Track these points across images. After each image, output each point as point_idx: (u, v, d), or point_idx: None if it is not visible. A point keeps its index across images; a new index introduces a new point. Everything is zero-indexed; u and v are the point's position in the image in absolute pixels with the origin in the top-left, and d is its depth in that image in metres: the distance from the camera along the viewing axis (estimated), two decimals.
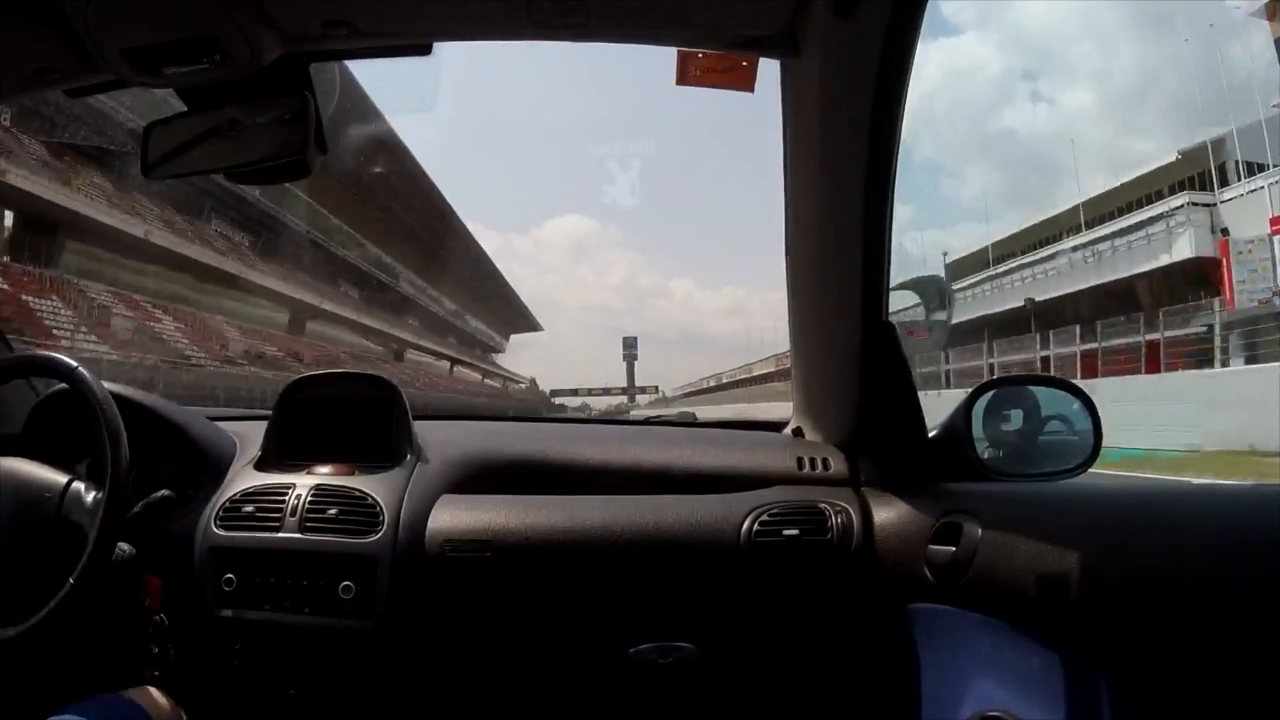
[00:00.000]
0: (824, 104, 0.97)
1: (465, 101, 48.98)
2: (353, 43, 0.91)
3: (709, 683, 1.18)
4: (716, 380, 46.74)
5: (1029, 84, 51.17)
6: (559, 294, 66.88)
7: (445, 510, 1.20)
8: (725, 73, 1.01)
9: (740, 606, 1.17)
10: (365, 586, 1.11)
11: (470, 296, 40.30)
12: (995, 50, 51.61)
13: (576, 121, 58.98)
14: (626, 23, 0.91)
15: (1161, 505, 0.96)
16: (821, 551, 1.14)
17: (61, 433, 1.17)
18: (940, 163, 48.77)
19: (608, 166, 32.48)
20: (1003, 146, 38.59)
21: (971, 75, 45.01)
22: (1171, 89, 25.04)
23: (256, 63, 0.87)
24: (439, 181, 36.52)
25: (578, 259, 68.70)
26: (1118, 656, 0.77)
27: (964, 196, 48.86)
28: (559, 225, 71.50)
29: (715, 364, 49.60)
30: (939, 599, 1.02)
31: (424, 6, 0.89)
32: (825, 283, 1.16)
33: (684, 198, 64.30)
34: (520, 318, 45.16)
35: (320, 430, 1.30)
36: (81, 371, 1.02)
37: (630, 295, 66.11)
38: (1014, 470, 1.15)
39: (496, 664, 1.20)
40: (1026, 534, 0.91)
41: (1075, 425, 1.16)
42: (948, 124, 40.43)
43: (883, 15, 0.86)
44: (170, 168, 0.98)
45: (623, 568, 1.17)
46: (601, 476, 1.30)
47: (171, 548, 1.15)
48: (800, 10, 0.88)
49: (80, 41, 0.84)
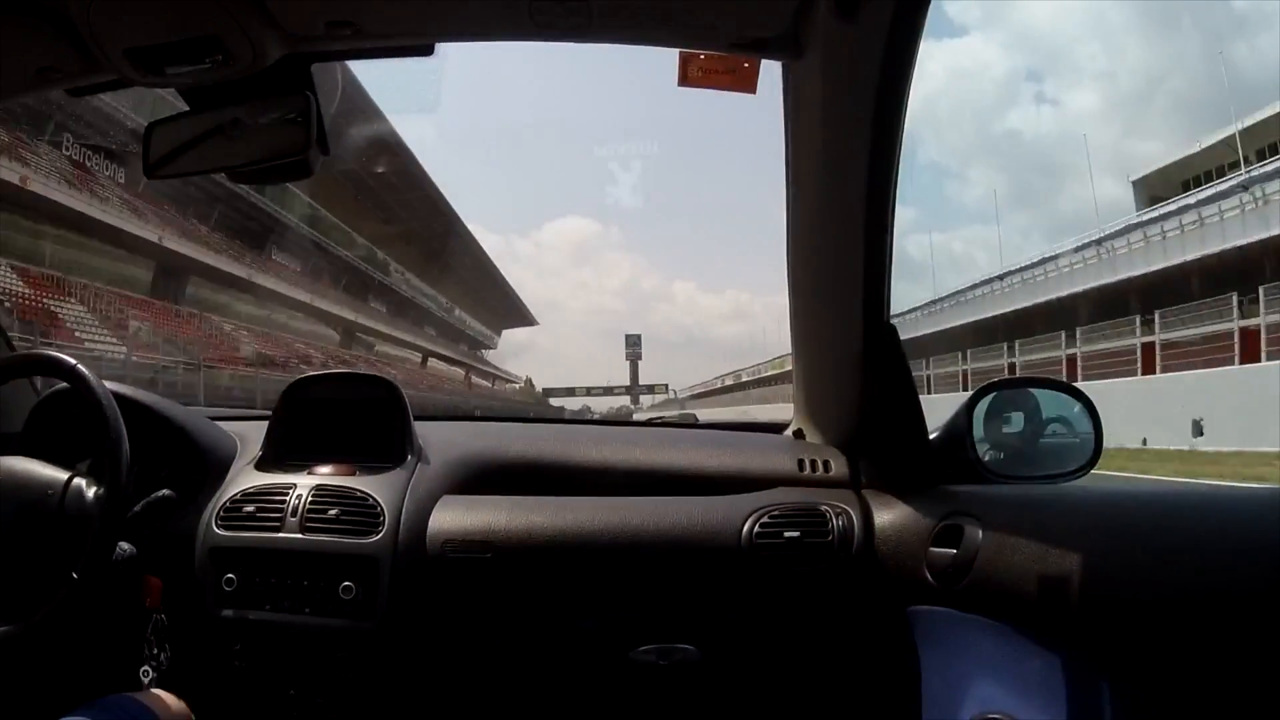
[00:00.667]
0: (826, 105, 0.97)
1: (466, 102, 48.99)
2: (355, 43, 0.91)
3: (709, 685, 1.18)
4: (735, 378, 43.51)
5: (1034, 85, 51.06)
6: (561, 296, 66.76)
7: (446, 511, 1.20)
8: (727, 74, 1.00)
9: (741, 608, 1.17)
10: (366, 587, 1.11)
11: (453, 284, 36.20)
12: (1000, 50, 51.49)
13: (578, 122, 58.86)
14: (628, 24, 0.91)
15: (1163, 507, 0.96)
16: (822, 553, 1.14)
17: (63, 432, 1.17)
18: (944, 165, 48.72)
19: (610, 168, 32.00)
20: (1007, 149, 38.53)
21: (976, 76, 44.92)
22: (1177, 89, 24.69)
23: (259, 63, 0.87)
24: (436, 178, 35.00)
25: (580, 262, 68.69)
26: (1119, 659, 0.77)
27: (968, 199, 48.81)
28: (560, 227, 71.61)
29: (718, 367, 48.57)
30: (940, 601, 1.02)
31: (426, 7, 0.89)
32: (827, 284, 1.16)
33: (687, 200, 64.26)
34: (513, 312, 42.05)
35: (321, 430, 1.30)
36: (82, 370, 1.02)
37: (633, 298, 65.98)
38: (1015, 472, 1.15)
39: (497, 665, 1.20)
40: (1028, 536, 0.91)
41: (1076, 428, 1.16)
42: (952, 126, 40.36)
43: (885, 17, 0.86)
44: (172, 167, 0.98)
45: (623, 569, 1.17)
46: (602, 478, 1.29)
47: (172, 547, 1.15)
48: (802, 12, 0.88)
49: (83, 41, 0.84)
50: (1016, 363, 18.05)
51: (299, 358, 23.36)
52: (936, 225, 57.48)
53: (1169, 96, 32.15)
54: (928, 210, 41.01)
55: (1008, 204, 47.87)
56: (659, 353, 60.98)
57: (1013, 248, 41.58)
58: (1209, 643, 0.69)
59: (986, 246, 37.45)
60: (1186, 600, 0.72)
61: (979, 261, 36.20)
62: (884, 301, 1.12)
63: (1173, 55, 29.91)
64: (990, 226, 47.93)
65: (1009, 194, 42.00)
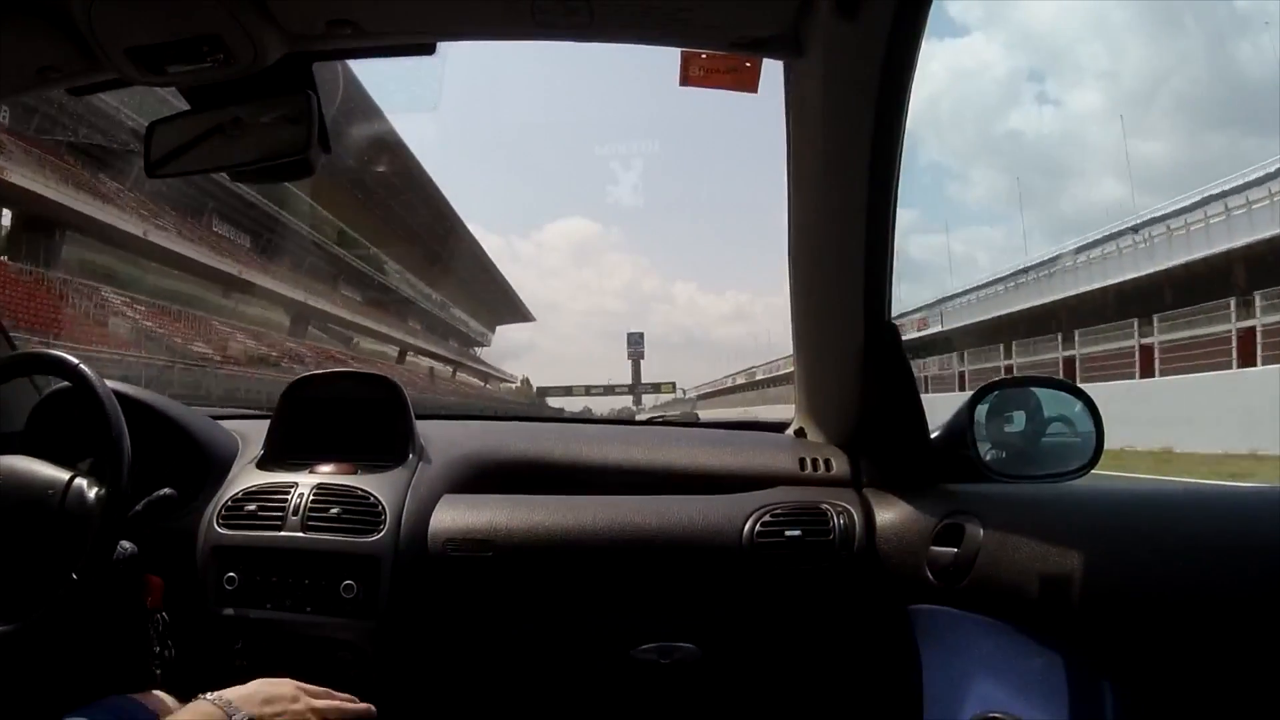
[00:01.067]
0: (827, 105, 0.97)
1: (468, 101, 48.82)
2: (356, 42, 0.91)
3: (710, 683, 1.18)
4: (748, 376, 41.07)
5: (1036, 85, 50.83)
6: (561, 297, 66.68)
7: (447, 510, 1.20)
8: (728, 73, 1.00)
9: (742, 607, 1.17)
10: (367, 586, 1.11)
11: (443, 276, 33.83)
12: (1003, 50, 51.18)
13: (578, 122, 58.97)
14: (630, 23, 0.91)
15: (1164, 507, 0.96)
16: (823, 552, 1.14)
17: (64, 431, 1.17)
18: (946, 165, 48.48)
19: (611, 167, 31.74)
20: (1009, 149, 38.27)
21: (978, 76, 44.56)
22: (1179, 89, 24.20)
23: (260, 62, 0.87)
24: (438, 179, 34.15)
25: (580, 262, 68.67)
26: (1120, 658, 0.77)
27: (969, 199, 48.57)
28: (561, 228, 71.52)
29: (722, 368, 47.78)
30: (941, 600, 1.02)
31: (428, 6, 0.89)
32: (828, 283, 1.16)
33: (687, 199, 64.30)
34: (507, 307, 40.69)
35: (323, 429, 1.30)
36: (84, 369, 1.02)
37: (634, 299, 65.92)
38: (1016, 471, 1.15)
39: (498, 664, 1.20)
40: (1029, 535, 0.91)
41: (1078, 427, 1.16)
42: (953, 126, 40.11)
43: (886, 16, 0.86)
44: (173, 166, 0.98)
45: (625, 568, 1.17)
46: (604, 476, 1.30)
47: (173, 546, 1.15)
48: (803, 11, 0.88)
49: (84, 40, 0.84)
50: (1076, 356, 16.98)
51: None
52: (939, 225, 57.16)
53: (1172, 96, 31.95)
54: (929, 212, 40.82)
55: (1012, 206, 47.43)
56: (660, 353, 60.84)
57: (1015, 249, 41.13)
58: (1211, 642, 0.69)
59: (989, 246, 37.19)
60: (1188, 599, 0.72)
61: (980, 261, 35.92)
62: (885, 300, 1.12)
63: (1177, 54, 29.69)
64: (993, 227, 47.52)
65: (1011, 196, 41.62)
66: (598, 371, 57.55)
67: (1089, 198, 30.53)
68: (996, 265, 23.95)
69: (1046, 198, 38.91)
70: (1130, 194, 23.05)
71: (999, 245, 41.28)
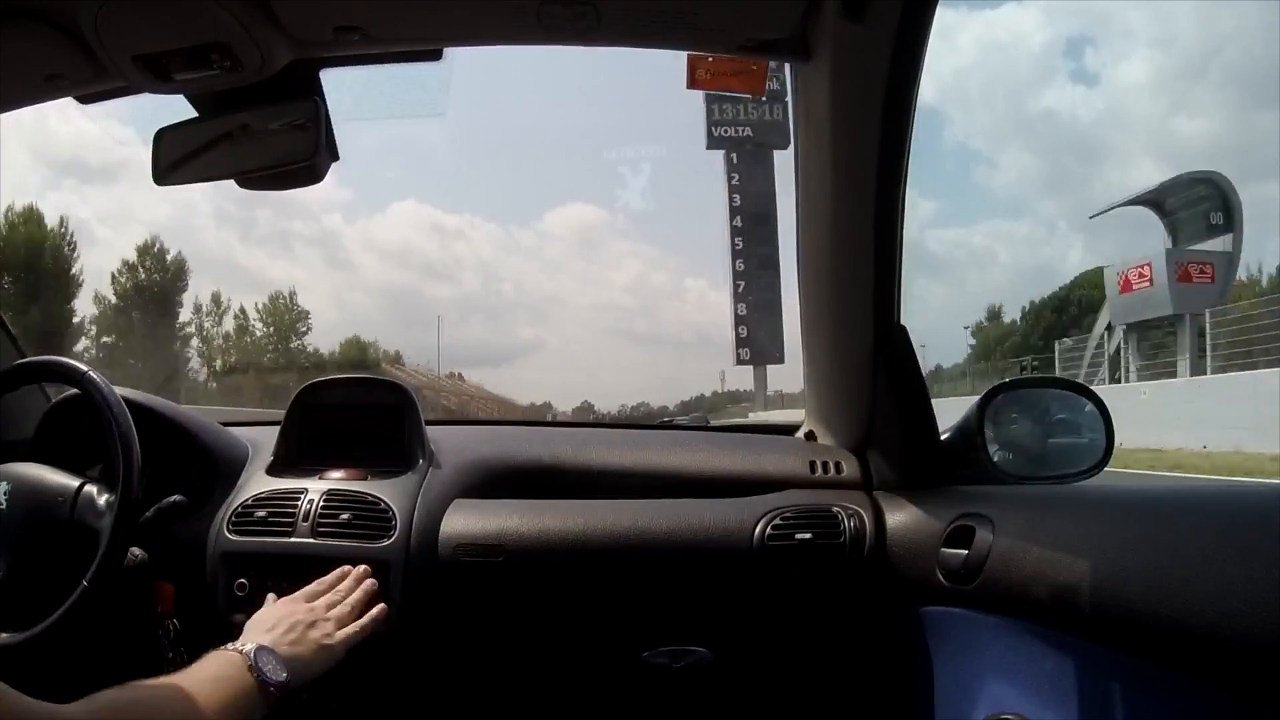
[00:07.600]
0: (835, 107, 0.97)
1: (475, 106, 48.69)
2: (363, 48, 0.91)
3: (722, 687, 1.18)
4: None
5: (1074, 60, 48.11)
6: (566, 294, 66.10)
7: (458, 515, 1.19)
8: (736, 76, 1.01)
9: (753, 610, 1.17)
10: (378, 591, 1.11)
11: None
12: (1042, 17, 48.51)
13: (586, 124, 58.84)
14: (636, 27, 0.91)
15: (1176, 506, 0.95)
16: (834, 555, 1.14)
17: (74, 438, 1.17)
18: (974, 148, 46.71)
19: (620, 171, 30.90)
20: (1043, 129, 36.64)
21: (1012, 49, 41.94)
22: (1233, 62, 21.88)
23: (267, 68, 0.87)
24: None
25: (587, 260, 68.28)
26: (1132, 659, 0.77)
27: (996, 186, 46.89)
28: (565, 221, 71.08)
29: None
30: (952, 602, 1.02)
31: (435, 11, 0.89)
32: (837, 285, 1.16)
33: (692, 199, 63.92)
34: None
35: (333, 435, 1.30)
36: (93, 376, 1.03)
37: (643, 295, 65.16)
38: (1026, 472, 1.15)
39: (509, 668, 1.20)
40: (1040, 536, 0.90)
41: (1087, 428, 1.15)
42: (983, 104, 38.67)
43: (893, 18, 0.86)
44: (181, 174, 0.98)
45: (636, 572, 1.17)
46: (614, 480, 1.29)
47: (184, 553, 1.15)
48: (810, 14, 0.88)
49: (91, 48, 0.84)
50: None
51: None
52: (960, 218, 55.46)
53: (1223, 71, 30.22)
54: (952, 202, 39.33)
55: (1039, 190, 44.94)
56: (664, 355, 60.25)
57: (1038, 241, 39.62)
58: (1225, 643, 0.68)
59: (1010, 240, 35.90)
60: (1201, 599, 0.72)
61: (1000, 256, 34.55)
62: (895, 301, 1.12)
63: (1230, 26, 28.02)
64: (1015, 221, 45.41)
65: (1043, 180, 39.10)
66: (606, 373, 56.16)
67: (1124, 182, 29.31)
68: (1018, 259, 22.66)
69: (1081, 182, 37.62)
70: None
71: (1021, 237, 40.17)
